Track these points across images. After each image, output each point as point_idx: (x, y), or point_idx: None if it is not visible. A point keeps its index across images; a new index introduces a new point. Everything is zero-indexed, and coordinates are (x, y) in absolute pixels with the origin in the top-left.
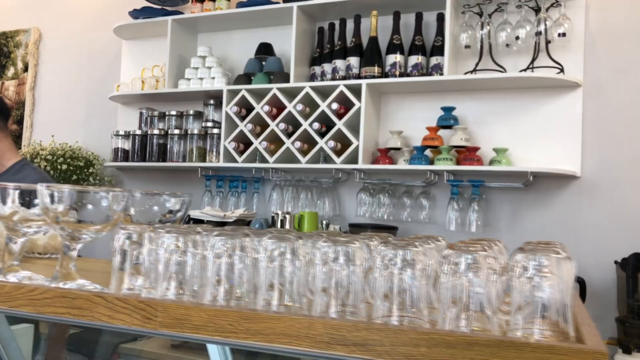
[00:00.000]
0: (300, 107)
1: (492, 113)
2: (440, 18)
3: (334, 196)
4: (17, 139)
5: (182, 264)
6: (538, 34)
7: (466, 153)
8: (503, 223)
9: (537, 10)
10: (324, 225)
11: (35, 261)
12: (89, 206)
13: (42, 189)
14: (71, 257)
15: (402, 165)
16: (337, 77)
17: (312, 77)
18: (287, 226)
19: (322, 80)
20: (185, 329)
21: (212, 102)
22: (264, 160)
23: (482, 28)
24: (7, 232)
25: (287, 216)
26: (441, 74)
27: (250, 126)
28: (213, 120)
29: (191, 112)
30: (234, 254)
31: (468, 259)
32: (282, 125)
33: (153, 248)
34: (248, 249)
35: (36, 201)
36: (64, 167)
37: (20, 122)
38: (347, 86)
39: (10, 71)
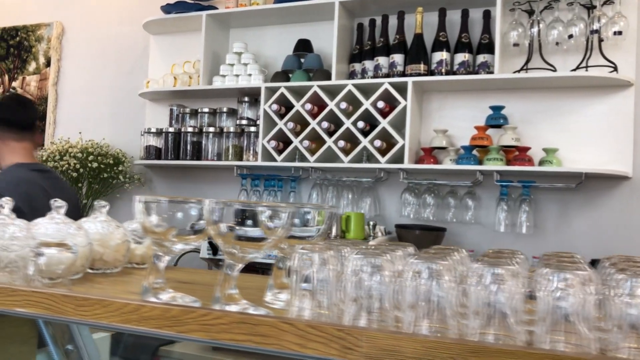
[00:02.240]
0: (344, 105)
1: (540, 112)
2: (487, 15)
3: (374, 196)
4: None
5: (370, 287)
6: (593, 32)
7: (516, 153)
8: (551, 224)
9: (589, 7)
10: (370, 227)
11: (135, 272)
12: (249, 222)
13: (210, 205)
14: (233, 278)
15: (450, 165)
16: (380, 75)
17: (352, 75)
18: (333, 228)
19: (363, 77)
20: None
21: (246, 99)
22: (303, 159)
23: (532, 26)
24: (156, 248)
25: None
26: (488, 72)
27: (291, 125)
28: (248, 118)
29: (225, 109)
30: (440, 278)
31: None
32: (325, 124)
33: (332, 268)
34: (447, 272)
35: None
36: (95, 164)
37: (43, 118)
38: (391, 84)
39: (32, 66)
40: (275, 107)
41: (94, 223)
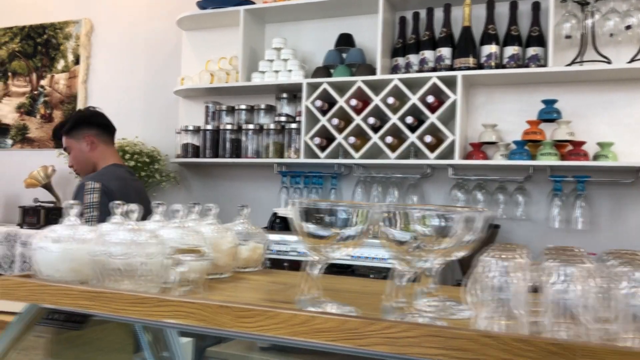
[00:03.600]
0: (391, 100)
1: (593, 105)
2: (536, 7)
3: (421, 192)
4: None
5: (566, 296)
6: None
7: (570, 147)
8: (606, 220)
9: None
10: None
11: (245, 276)
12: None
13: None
14: (402, 288)
15: (502, 160)
16: (426, 69)
17: (395, 69)
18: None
19: (407, 72)
20: None
21: (285, 95)
22: (347, 156)
23: (587, 17)
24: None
25: None
26: (539, 65)
27: (336, 121)
28: (287, 115)
29: (262, 106)
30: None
31: None
32: (372, 120)
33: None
34: None
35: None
36: (132, 163)
37: None
38: (440, 78)
39: (60, 64)
40: (319, 103)
41: (204, 226)
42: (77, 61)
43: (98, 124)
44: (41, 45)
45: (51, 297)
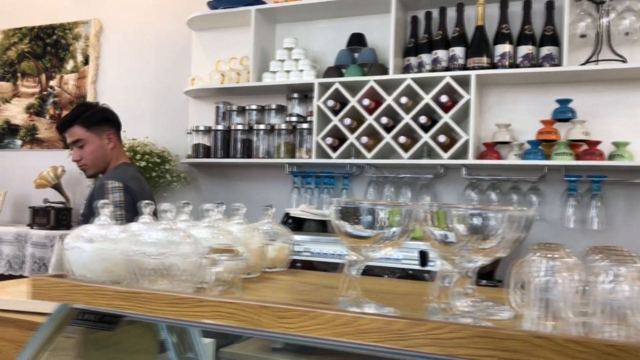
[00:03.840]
0: (404, 100)
1: (608, 105)
2: (550, 6)
3: (434, 193)
4: None
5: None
6: None
7: (585, 147)
8: (621, 220)
9: None
10: None
11: (273, 275)
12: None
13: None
14: (449, 289)
15: (517, 160)
16: (439, 68)
17: (407, 69)
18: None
19: (420, 71)
20: None
21: (296, 95)
22: (359, 156)
23: (602, 16)
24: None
25: None
26: (553, 65)
27: (348, 120)
28: (298, 115)
29: (273, 106)
30: None
31: None
32: (384, 120)
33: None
34: None
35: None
36: (142, 164)
37: None
38: (453, 77)
39: (70, 64)
40: (331, 103)
41: (233, 226)
42: (86, 62)
43: (116, 122)
44: (50, 45)
45: (87, 297)
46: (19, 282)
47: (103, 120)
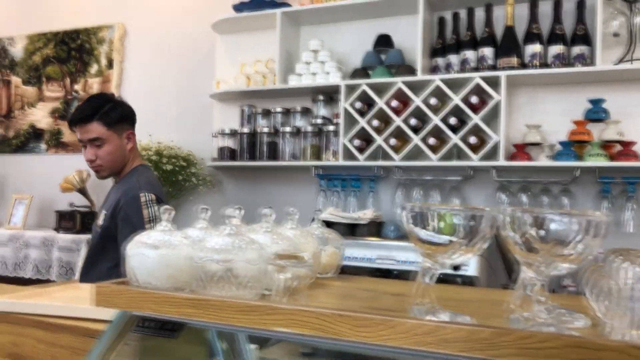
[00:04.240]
0: (433, 101)
1: None
2: (581, 5)
3: (462, 195)
4: None
5: None
6: None
7: (619, 148)
8: None
9: None
10: None
11: (325, 282)
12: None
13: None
14: (531, 298)
15: (548, 161)
16: (467, 69)
17: (435, 69)
18: None
19: (448, 72)
20: None
21: (321, 98)
22: (386, 158)
23: (635, 15)
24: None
25: None
26: (585, 64)
27: (376, 122)
28: (323, 117)
29: (299, 108)
30: None
31: None
32: (413, 121)
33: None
34: None
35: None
36: (169, 167)
37: None
38: (483, 78)
39: (94, 68)
40: (359, 104)
41: (288, 231)
42: (110, 65)
43: (134, 119)
44: (75, 50)
45: (155, 305)
46: (64, 288)
47: (123, 117)
